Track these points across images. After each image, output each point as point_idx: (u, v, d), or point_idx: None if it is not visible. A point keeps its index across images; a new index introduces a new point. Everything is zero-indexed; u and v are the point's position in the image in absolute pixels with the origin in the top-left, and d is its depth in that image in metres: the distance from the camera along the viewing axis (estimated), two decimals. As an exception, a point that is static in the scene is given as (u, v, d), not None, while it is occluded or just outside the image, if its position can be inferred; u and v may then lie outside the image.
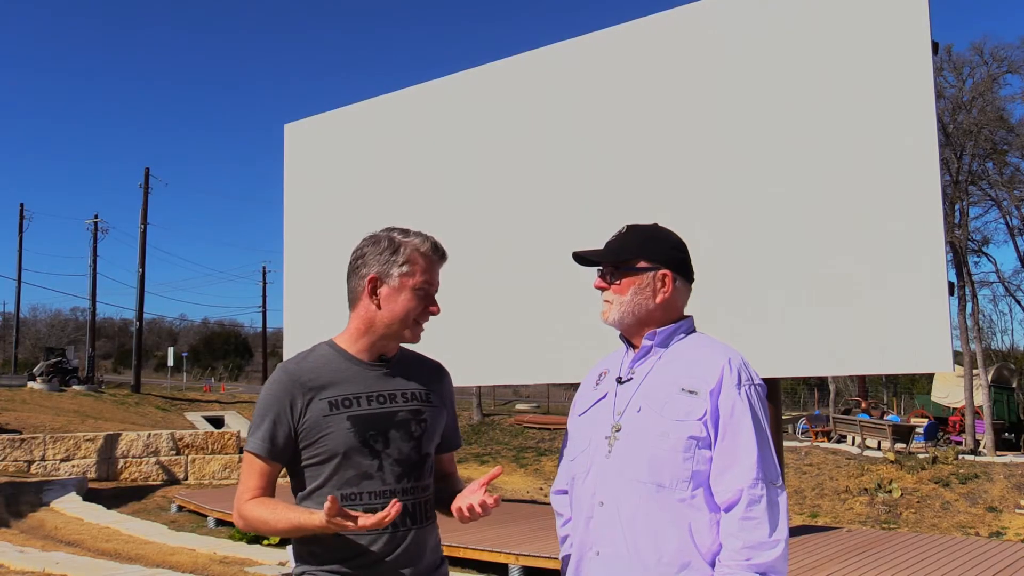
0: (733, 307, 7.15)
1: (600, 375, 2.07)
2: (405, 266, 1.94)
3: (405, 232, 1.99)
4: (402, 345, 2.05)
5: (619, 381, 1.98)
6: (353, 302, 2.00)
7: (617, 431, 1.91)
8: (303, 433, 1.90)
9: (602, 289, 2.01)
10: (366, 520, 1.74)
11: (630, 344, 2.02)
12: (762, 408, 1.86)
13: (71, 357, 28.69)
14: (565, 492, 2.09)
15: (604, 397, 1.99)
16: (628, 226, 2.04)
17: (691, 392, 1.84)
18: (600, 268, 2.03)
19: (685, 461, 1.81)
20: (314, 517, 1.79)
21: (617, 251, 1.99)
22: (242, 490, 1.93)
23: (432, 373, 2.09)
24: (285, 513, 1.86)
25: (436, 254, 1.99)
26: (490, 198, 9.05)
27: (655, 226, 2.05)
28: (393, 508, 1.76)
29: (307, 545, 1.93)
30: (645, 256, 1.97)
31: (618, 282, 1.98)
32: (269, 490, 1.93)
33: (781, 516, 1.79)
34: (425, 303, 1.97)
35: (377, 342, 1.99)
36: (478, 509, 1.89)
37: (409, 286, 1.95)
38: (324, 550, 1.91)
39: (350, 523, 1.75)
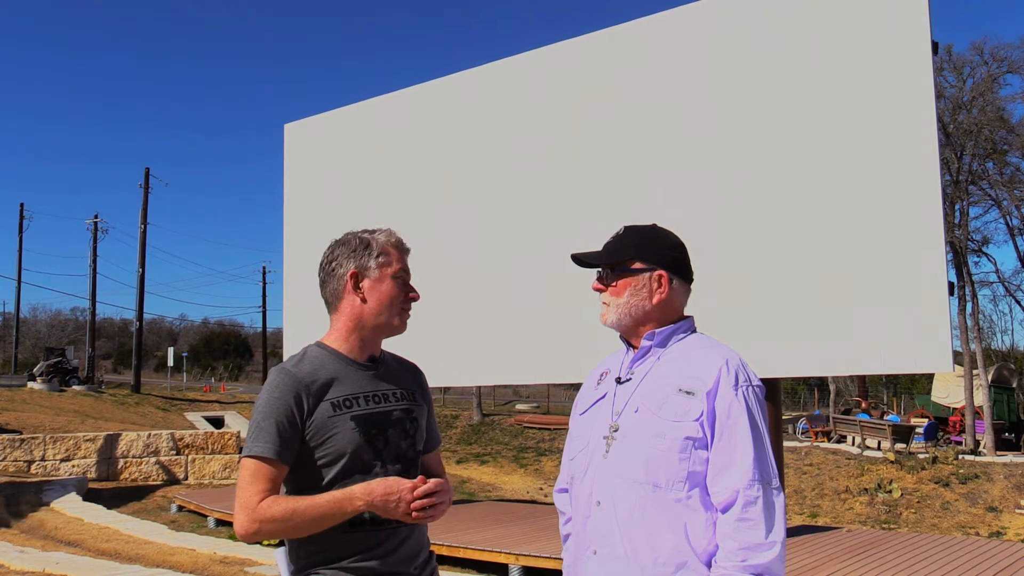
0: (733, 307, 7.15)
1: (601, 375, 2.08)
2: (381, 257, 2.03)
3: (369, 231, 2.08)
4: (382, 348, 2.11)
5: (618, 381, 1.99)
6: (335, 303, 2.05)
7: (615, 431, 1.91)
8: (311, 434, 1.91)
9: (600, 291, 2.03)
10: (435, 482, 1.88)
11: (630, 345, 2.03)
12: (760, 409, 1.86)
13: (71, 357, 28.66)
14: (567, 491, 2.10)
15: (604, 397, 2.00)
16: (625, 227, 2.04)
17: (688, 393, 1.85)
18: (598, 270, 2.04)
19: (681, 462, 1.82)
20: (354, 500, 1.83)
21: (613, 252, 2.00)
22: (249, 495, 1.85)
23: (413, 374, 2.16)
24: (313, 499, 1.85)
25: (402, 246, 2.09)
26: (490, 198, 9.05)
27: (652, 227, 2.05)
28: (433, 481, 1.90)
29: (308, 546, 1.93)
30: (641, 257, 1.97)
31: (614, 284, 1.99)
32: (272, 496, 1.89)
33: (778, 517, 1.79)
34: (405, 290, 2.05)
35: (367, 336, 2.03)
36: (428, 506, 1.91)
37: (389, 275, 2.03)
38: (327, 549, 1.91)
39: (409, 482, 1.84)
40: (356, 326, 2.01)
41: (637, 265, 1.97)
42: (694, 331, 2.01)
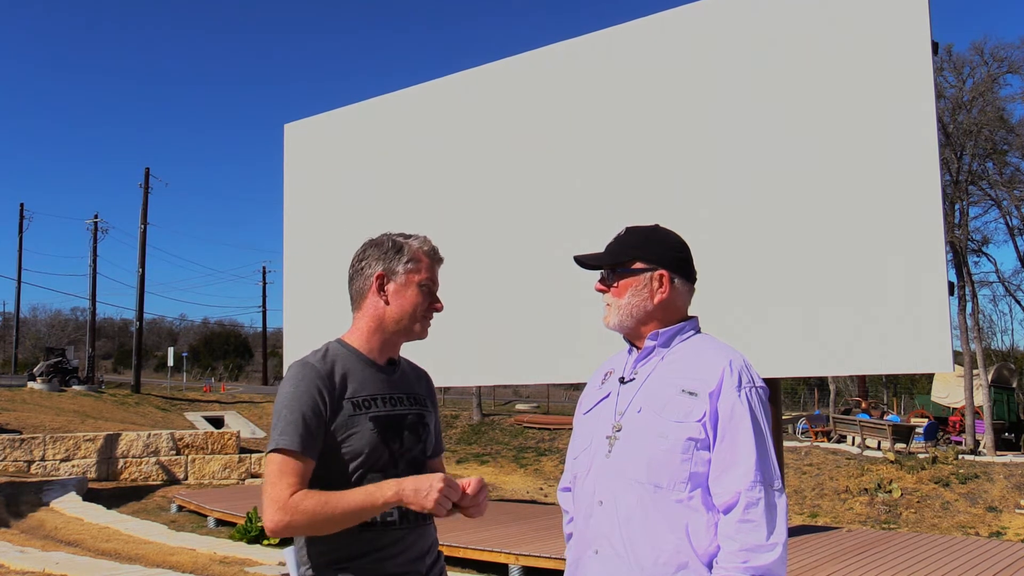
0: (733, 307, 7.15)
1: (606, 374, 2.09)
2: (410, 263, 2.02)
3: (405, 235, 2.08)
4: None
5: (622, 381, 1.99)
6: (359, 302, 2.05)
7: (617, 431, 1.92)
8: (334, 430, 1.91)
9: (602, 292, 2.03)
10: (472, 483, 1.89)
11: (634, 345, 2.03)
12: (763, 410, 1.86)
13: (71, 357, 28.63)
14: (570, 490, 2.10)
15: (607, 396, 2.01)
16: (627, 228, 2.05)
17: (691, 393, 1.85)
18: (601, 271, 2.04)
19: (683, 462, 1.82)
20: (385, 490, 1.82)
21: (614, 253, 2.01)
22: (279, 490, 1.81)
23: (423, 379, 2.18)
24: (344, 492, 1.83)
25: (436, 255, 2.09)
26: (490, 198, 9.05)
27: (654, 227, 2.05)
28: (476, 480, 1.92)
29: (317, 546, 1.94)
30: (642, 257, 1.98)
31: (616, 284, 1.99)
32: (300, 490, 1.85)
33: (779, 519, 1.79)
34: (430, 299, 2.05)
35: (388, 340, 2.04)
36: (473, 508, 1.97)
37: (415, 282, 2.02)
38: (337, 548, 1.91)
39: (451, 490, 1.84)
40: (377, 328, 2.02)
41: (638, 265, 1.97)
42: (698, 331, 2.01)
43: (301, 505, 1.81)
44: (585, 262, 2.06)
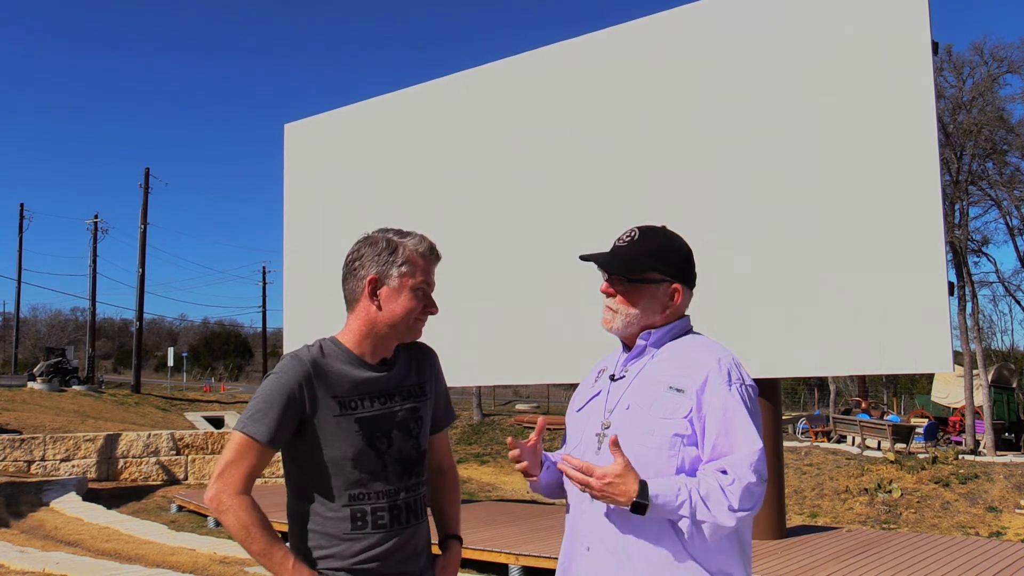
0: (734, 307, 7.15)
1: (599, 372, 2.09)
2: (404, 266, 1.96)
3: (401, 233, 2.00)
4: None
5: (612, 379, 2.00)
6: (352, 303, 2.00)
7: (606, 428, 1.93)
8: (312, 430, 1.90)
9: (609, 295, 2.00)
10: None
11: (626, 344, 2.03)
12: (754, 407, 1.87)
13: (71, 357, 28.67)
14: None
15: (598, 394, 2.02)
16: (640, 231, 2.00)
17: (678, 390, 1.86)
18: (606, 274, 2.01)
19: (670, 458, 1.83)
20: (296, 571, 1.83)
21: (629, 261, 1.96)
22: (235, 471, 1.85)
23: (422, 359, 2.10)
24: (267, 540, 1.84)
25: (432, 255, 2.01)
26: (490, 198, 9.06)
27: (665, 233, 2.01)
28: None
29: (306, 543, 1.94)
30: (658, 268, 1.95)
31: (626, 292, 1.97)
32: (253, 479, 1.89)
33: (754, 505, 1.79)
34: (424, 303, 1.99)
35: (380, 343, 2.00)
36: None
37: (409, 286, 1.96)
38: (327, 547, 1.92)
39: None
40: (369, 331, 1.98)
41: (653, 276, 1.95)
42: (690, 330, 2.01)
43: (236, 511, 1.83)
44: (596, 263, 2.01)
